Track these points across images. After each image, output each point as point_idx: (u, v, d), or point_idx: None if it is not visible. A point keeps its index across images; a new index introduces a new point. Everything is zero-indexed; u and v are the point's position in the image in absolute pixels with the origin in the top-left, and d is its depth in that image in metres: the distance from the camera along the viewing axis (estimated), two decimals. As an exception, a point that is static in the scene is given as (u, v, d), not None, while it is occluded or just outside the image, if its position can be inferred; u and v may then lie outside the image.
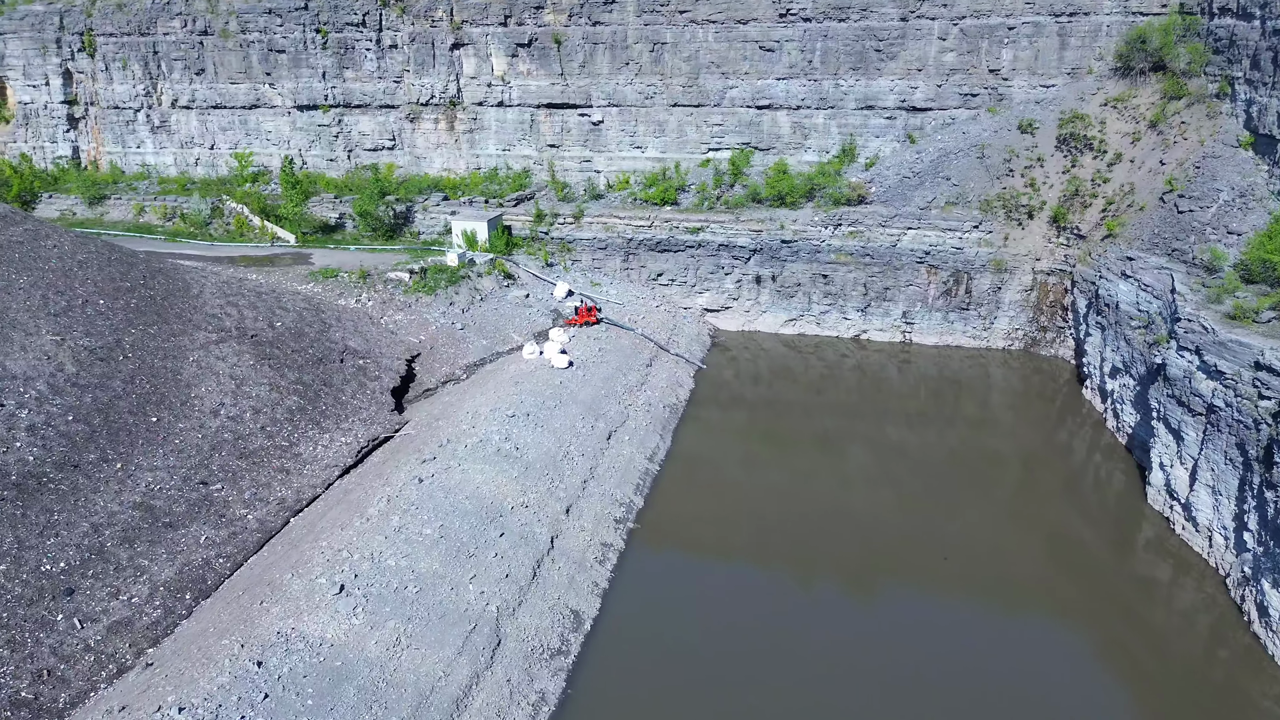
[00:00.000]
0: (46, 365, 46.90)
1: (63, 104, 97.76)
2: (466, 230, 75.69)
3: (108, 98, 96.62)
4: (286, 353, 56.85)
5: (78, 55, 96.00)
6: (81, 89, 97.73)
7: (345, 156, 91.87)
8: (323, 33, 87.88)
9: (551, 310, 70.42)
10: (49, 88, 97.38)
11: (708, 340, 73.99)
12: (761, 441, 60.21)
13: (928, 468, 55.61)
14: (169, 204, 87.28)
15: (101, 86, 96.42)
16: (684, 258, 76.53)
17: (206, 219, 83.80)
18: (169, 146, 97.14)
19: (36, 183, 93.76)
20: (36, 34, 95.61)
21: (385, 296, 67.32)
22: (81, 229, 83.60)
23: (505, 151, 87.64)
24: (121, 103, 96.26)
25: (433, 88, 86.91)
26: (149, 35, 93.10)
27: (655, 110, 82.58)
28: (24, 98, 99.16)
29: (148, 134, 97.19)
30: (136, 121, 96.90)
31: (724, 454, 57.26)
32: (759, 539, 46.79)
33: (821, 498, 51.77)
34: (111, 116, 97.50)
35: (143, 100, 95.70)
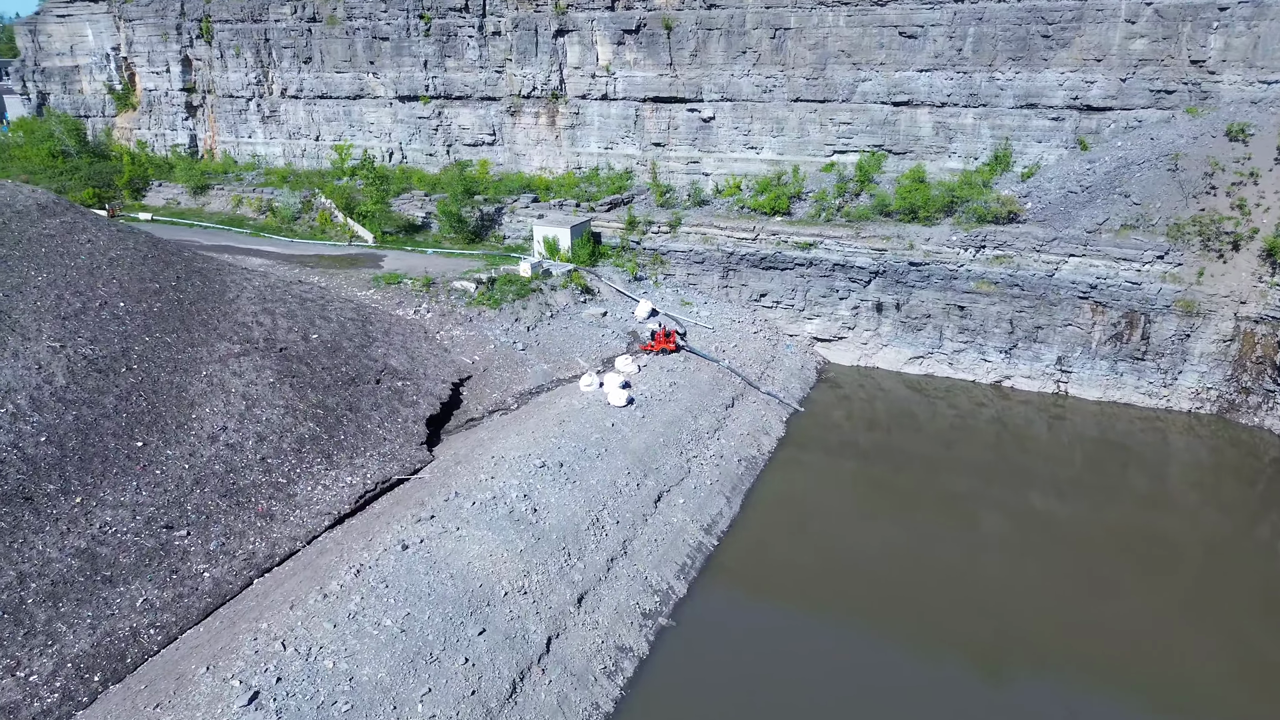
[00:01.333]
0: (34, 376, 42.24)
1: (181, 91, 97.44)
2: (548, 236, 67.94)
3: (223, 85, 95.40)
4: (315, 370, 50.65)
5: (196, 42, 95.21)
6: (200, 76, 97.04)
7: (444, 151, 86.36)
8: (425, 18, 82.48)
9: (629, 332, 61.50)
10: (169, 75, 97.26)
11: (813, 376, 63.01)
12: (869, 497, 49.12)
13: (1080, 546, 43.85)
14: (264, 196, 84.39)
15: (217, 74, 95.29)
16: (792, 277, 65.77)
17: (295, 213, 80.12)
18: (278, 137, 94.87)
19: (150, 169, 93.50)
20: (159, 20, 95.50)
21: (446, 308, 60.42)
22: (180, 219, 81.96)
23: (607, 150, 79.40)
24: (235, 91, 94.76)
25: (534, 79, 79.78)
26: (261, 22, 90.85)
27: (774, 106, 72.03)
28: (148, 84, 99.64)
29: (258, 123, 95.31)
30: (248, 110, 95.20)
31: (811, 517, 46.43)
32: (847, 608, 36.76)
33: (943, 566, 41.59)
34: (225, 105, 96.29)
35: (254, 89, 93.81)
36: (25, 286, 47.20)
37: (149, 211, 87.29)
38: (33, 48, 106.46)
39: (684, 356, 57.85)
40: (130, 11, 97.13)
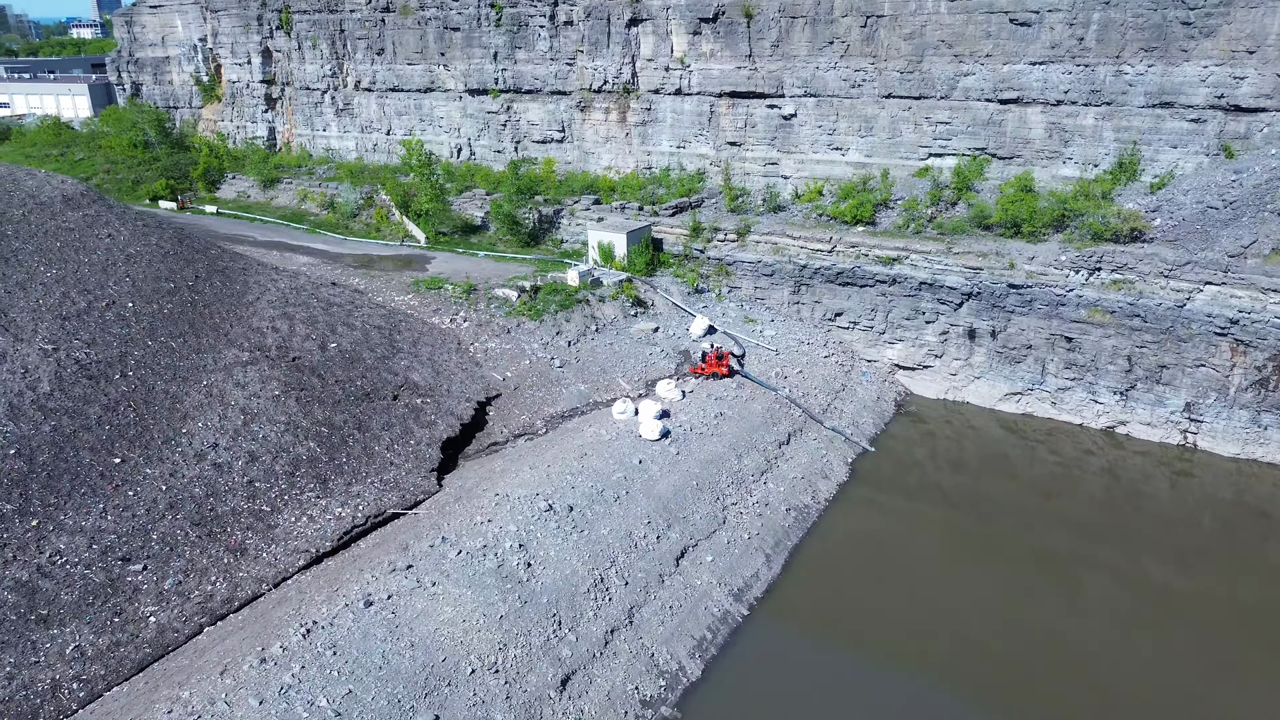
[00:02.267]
0: (18, 381, 39.36)
1: (261, 83, 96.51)
2: (602, 242, 62.44)
3: (300, 78, 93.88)
4: (327, 383, 46.59)
5: (276, 33, 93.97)
6: (279, 68, 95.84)
7: (513, 148, 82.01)
8: (496, 7, 78.28)
9: (680, 352, 55.42)
10: (250, 66, 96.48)
11: (890, 409, 55.45)
12: (949, 549, 41.80)
13: (1205, 624, 36.38)
14: (327, 192, 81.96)
15: (295, 66, 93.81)
16: (872, 296, 58.28)
17: (355, 210, 77.22)
18: (351, 130, 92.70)
19: (226, 162, 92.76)
20: (242, 11, 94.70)
21: (484, 318, 55.68)
22: (244, 213, 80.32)
23: (678, 149, 73.33)
24: (311, 83, 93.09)
25: (606, 72, 74.42)
26: (337, 12, 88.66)
27: (862, 102, 64.48)
28: (231, 76, 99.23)
29: (333, 116, 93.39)
30: (323, 103, 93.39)
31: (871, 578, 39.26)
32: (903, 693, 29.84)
33: (1038, 636, 35.23)
34: (302, 97, 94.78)
35: (329, 81, 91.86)
36: (30, 283, 44.69)
37: (217, 204, 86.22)
38: (128, 38, 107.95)
39: (737, 383, 51.36)
40: (216, 2, 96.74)
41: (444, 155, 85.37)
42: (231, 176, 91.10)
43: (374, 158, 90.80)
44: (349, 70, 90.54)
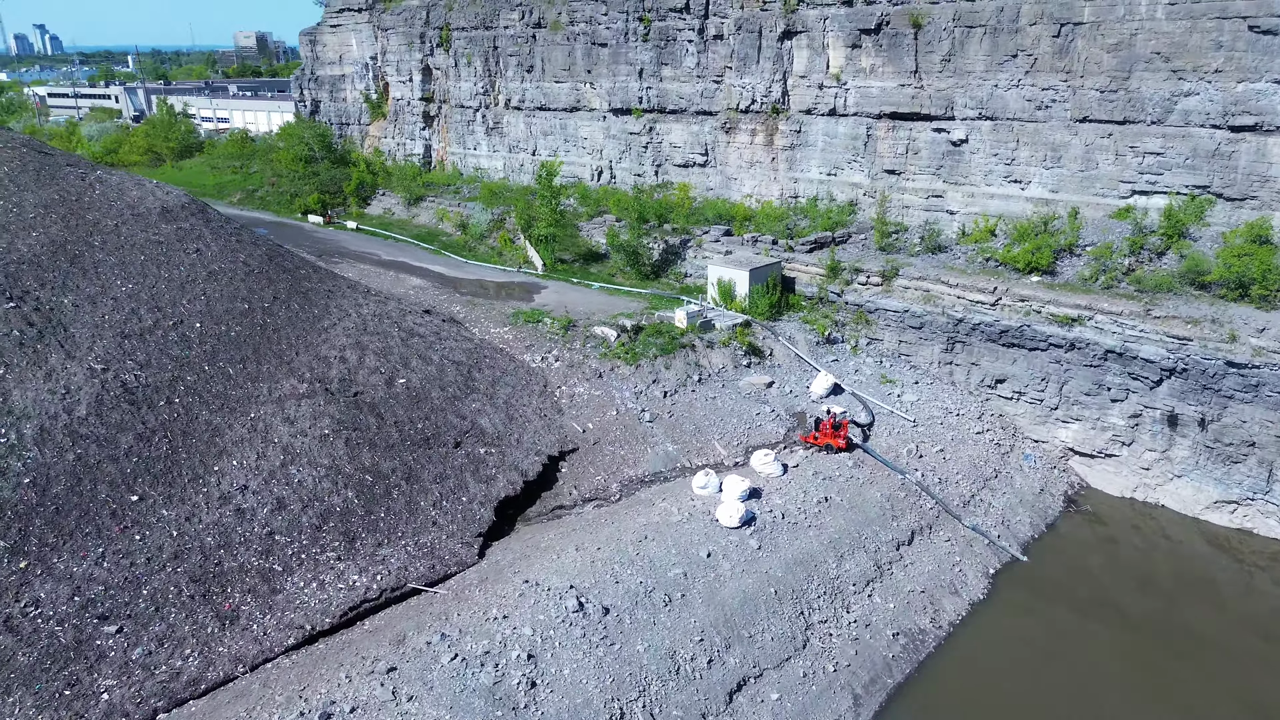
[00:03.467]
0: (56, 402, 37.24)
1: (420, 100, 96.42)
2: (722, 279, 55.15)
3: (455, 95, 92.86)
4: (385, 423, 42.15)
5: (436, 50, 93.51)
6: (437, 86, 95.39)
7: (653, 172, 76.37)
8: (645, 20, 73.13)
9: (794, 414, 47.19)
10: (411, 84, 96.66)
11: (1056, 505, 44.71)
12: (1125, 688, 31.56)
13: None
14: (464, 212, 79.50)
15: (452, 84, 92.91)
16: (1044, 362, 47.61)
17: (485, 232, 74.05)
18: (500, 150, 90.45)
19: (380, 178, 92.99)
20: (407, 29, 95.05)
21: (577, 358, 49.82)
22: (381, 230, 79.34)
23: (829, 176, 64.88)
24: (464, 101, 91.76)
25: (754, 89, 67.32)
26: (492, 29, 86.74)
27: (1050, 127, 53.75)
28: (396, 93, 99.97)
29: (483, 135, 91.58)
30: (475, 122, 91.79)
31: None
32: None
33: None
34: (456, 115, 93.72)
35: (481, 99, 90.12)
36: (102, 297, 43.11)
37: (360, 220, 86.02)
38: (310, 56, 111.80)
39: (856, 459, 42.52)
40: (386, 21, 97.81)
41: (584, 178, 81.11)
42: (381, 193, 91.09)
43: (519, 178, 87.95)
44: (500, 88, 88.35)
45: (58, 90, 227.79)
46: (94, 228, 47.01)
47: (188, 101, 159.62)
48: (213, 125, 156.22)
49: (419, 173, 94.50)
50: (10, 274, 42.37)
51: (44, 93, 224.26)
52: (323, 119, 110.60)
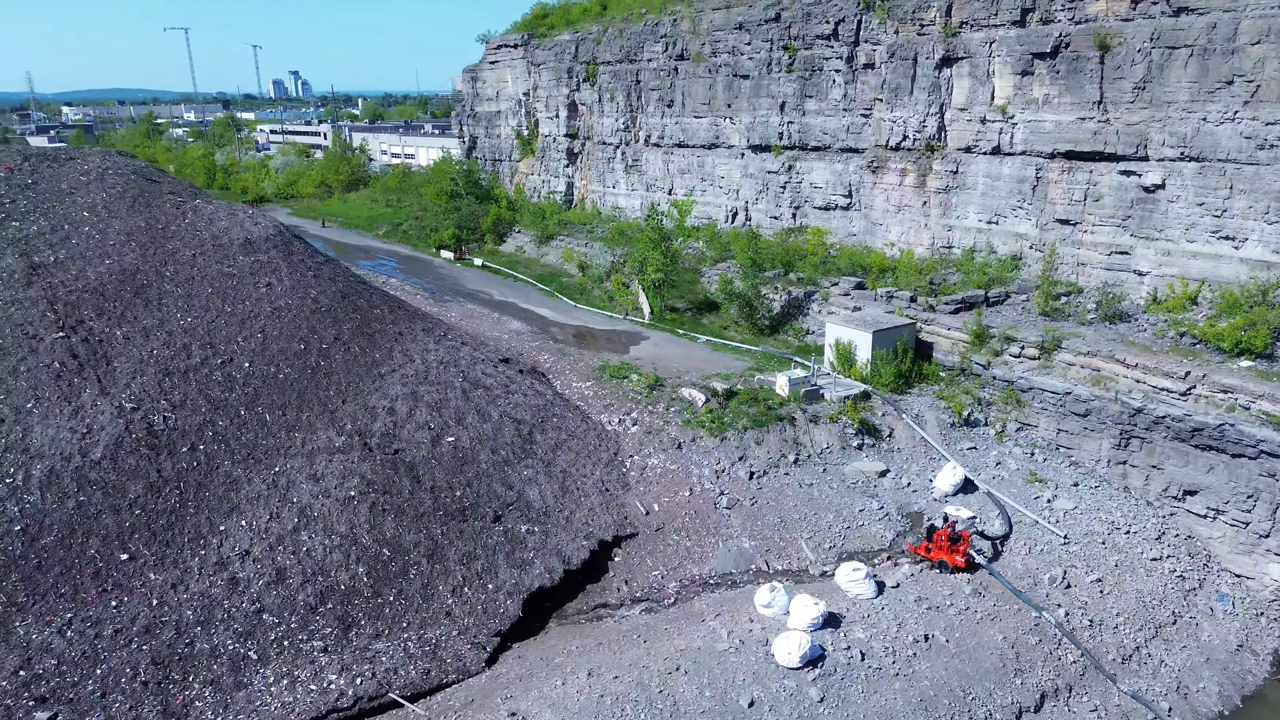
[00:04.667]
0: (73, 443, 34.95)
1: (565, 137, 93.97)
2: (841, 340, 47.00)
3: (598, 132, 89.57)
4: (421, 487, 37.35)
5: (582, 86, 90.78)
6: (582, 122, 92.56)
7: (791, 214, 69.13)
8: (790, 50, 66.48)
9: (909, 514, 38.38)
10: (558, 120, 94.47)
11: (1262, 668, 33.46)
12: None
13: None
14: (587, 253, 75.24)
15: (595, 120, 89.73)
16: (1252, 472, 36.40)
17: (604, 274, 69.24)
18: (638, 189, 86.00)
19: (518, 215, 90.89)
20: (557, 64, 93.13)
21: (657, 423, 43.34)
22: (507, 269, 76.69)
23: (989, 225, 55.33)
24: (606, 137, 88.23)
25: (906, 124, 59.01)
26: (635, 62, 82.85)
27: (1276, 171, 42.36)
28: (544, 130, 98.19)
29: (622, 173, 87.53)
30: (615, 159, 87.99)
31: None
32: None
33: None
34: (598, 152, 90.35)
35: (621, 135, 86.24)
36: (158, 329, 41.17)
37: (490, 258, 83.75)
38: (471, 93, 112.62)
39: (978, 582, 33.36)
40: (538, 56, 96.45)
41: (718, 219, 74.95)
42: (517, 230, 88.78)
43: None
44: (640, 124, 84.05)
45: (280, 128, 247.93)
46: (170, 257, 45.63)
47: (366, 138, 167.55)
48: (399, 160, 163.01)
49: (558, 211, 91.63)
50: (71, 303, 41.23)
51: (268, 129, 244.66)
52: (479, 155, 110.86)
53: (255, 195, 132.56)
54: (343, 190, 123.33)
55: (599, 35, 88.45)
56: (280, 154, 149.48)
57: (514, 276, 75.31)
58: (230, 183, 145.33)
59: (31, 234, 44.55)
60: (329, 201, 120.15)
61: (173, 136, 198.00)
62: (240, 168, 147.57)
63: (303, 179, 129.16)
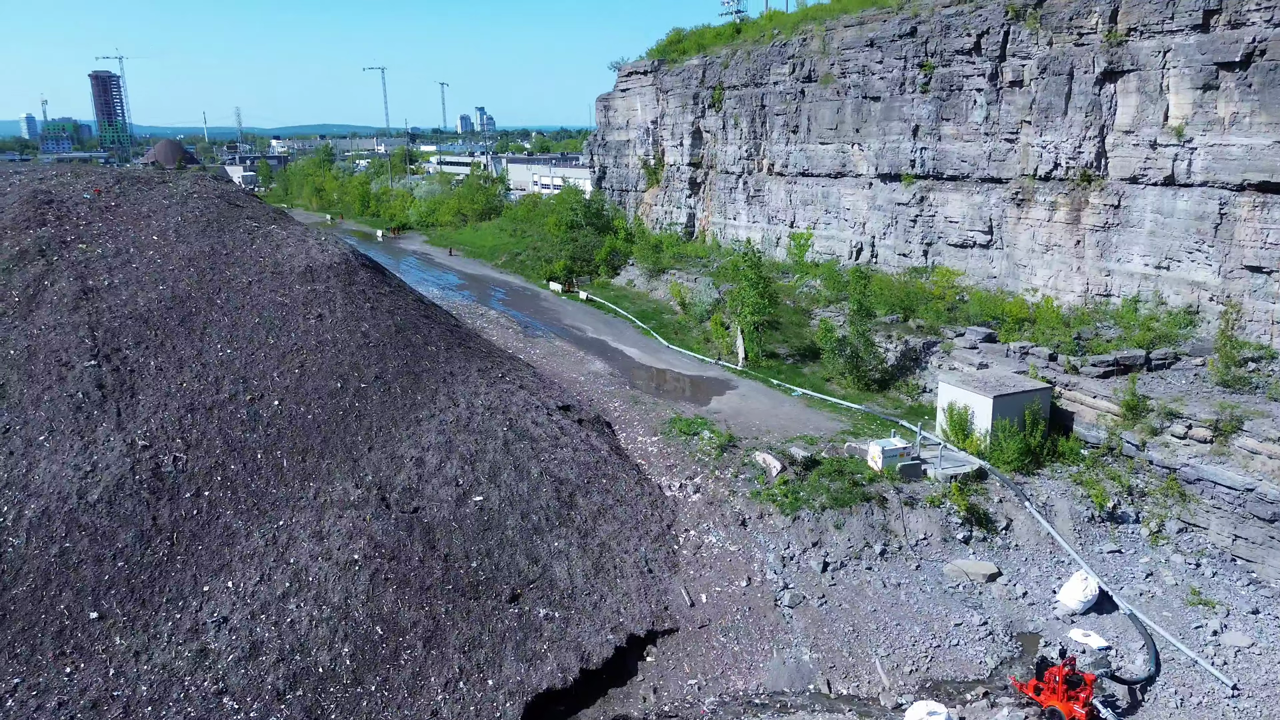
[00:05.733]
0: (72, 483, 32.70)
1: (689, 166, 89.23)
2: (955, 404, 39.08)
3: (721, 160, 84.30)
4: (435, 554, 32.84)
5: (707, 112, 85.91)
6: (705, 150, 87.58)
7: (921, 252, 61.15)
8: (926, 67, 59.01)
9: (1020, 635, 30.25)
10: (682, 148, 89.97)
11: None
12: None
13: None
14: (694, 289, 69.74)
15: (719, 147, 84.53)
16: None
17: (705, 312, 63.46)
18: (759, 221, 79.93)
19: (634, 247, 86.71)
20: (684, 89, 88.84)
21: (722, 492, 37.12)
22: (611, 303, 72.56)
23: (1159, 270, 45.83)
24: (729, 166, 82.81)
25: (1058, 150, 50.43)
26: (761, 85, 77.17)
27: None
28: (669, 159, 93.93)
29: (743, 204, 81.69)
30: (736, 189, 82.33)
31: None
32: None
33: None
34: (720, 182, 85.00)
35: (744, 164, 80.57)
36: (194, 360, 38.94)
37: (599, 290, 79.73)
38: (603, 122, 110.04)
39: (1099, 746, 25.08)
40: (666, 82, 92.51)
41: (842, 255, 67.76)
42: (631, 263, 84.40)
43: (773, 253, 76.59)
44: (764, 151, 78.06)
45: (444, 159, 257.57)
46: (226, 284, 43.70)
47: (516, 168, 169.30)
48: (545, 191, 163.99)
49: (676, 243, 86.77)
50: (112, 329, 39.66)
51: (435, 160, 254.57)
52: (607, 185, 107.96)
53: (399, 222, 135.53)
54: (476, 219, 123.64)
55: (727, 59, 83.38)
56: (426, 183, 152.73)
57: (615, 311, 70.74)
58: (380, 209, 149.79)
59: (94, 257, 43.71)
60: (463, 230, 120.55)
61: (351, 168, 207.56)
62: (390, 195, 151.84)
63: (442, 208, 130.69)
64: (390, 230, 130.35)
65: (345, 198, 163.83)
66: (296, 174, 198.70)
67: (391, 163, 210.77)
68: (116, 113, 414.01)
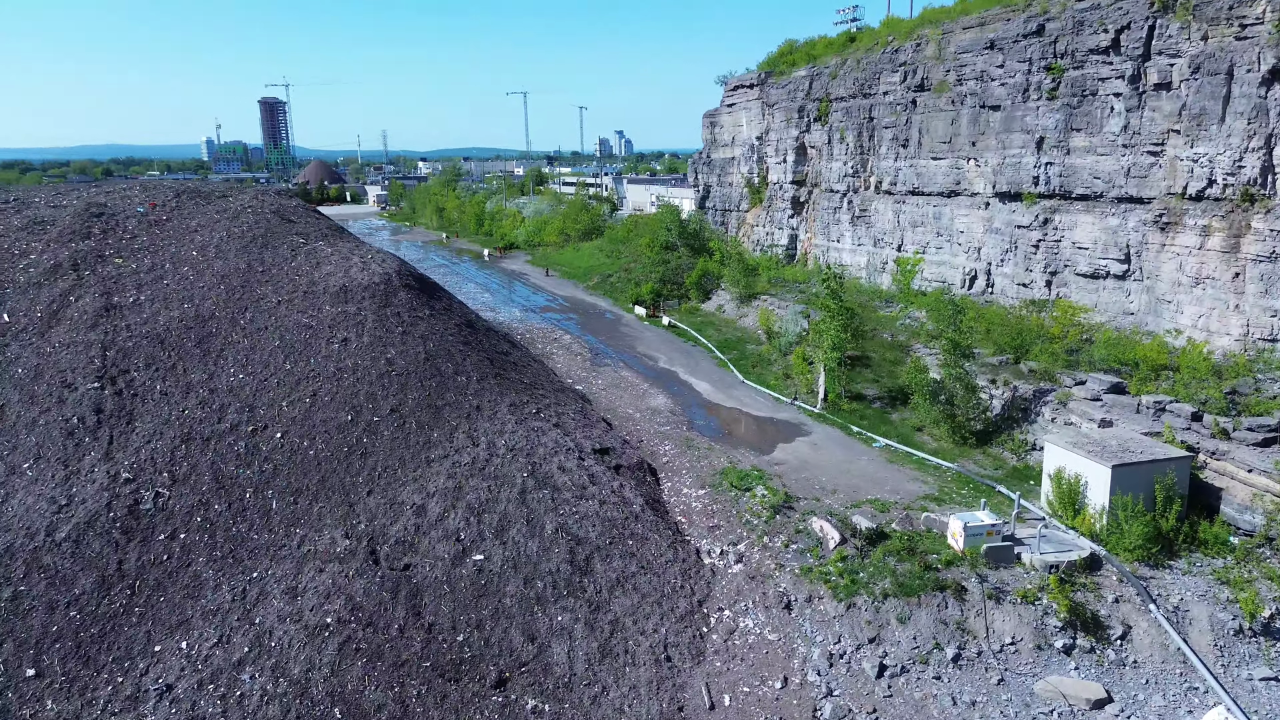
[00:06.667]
0: (44, 518, 30.31)
1: (791, 184, 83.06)
2: (1066, 471, 31.64)
3: (826, 178, 77.81)
4: (419, 622, 28.46)
5: (813, 126, 79.64)
6: (810, 167, 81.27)
7: (1043, 283, 53.12)
8: (1054, 70, 51.37)
9: (1131, 793, 22.96)
10: (785, 165, 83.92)
11: None
12: None
13: None
14: (782, 317, 63.54)
15: (824, 164, 78.12)
16: None
17: (790, 344, 57.26)
18: (864, 244, 72.93)
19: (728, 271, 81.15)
20: (789, 102, 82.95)
21: (770, 564, 31.22)
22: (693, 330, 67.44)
23: (1340, 310, 36.83)
24: (833, 184, 76.25)
25: (1213, 164, 42.08)
26: (870, 96, 70.51)
27: None
28: (772, 177, 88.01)
29: (848, 225, 74.87)
30: (841, 209, 75.59)
31: None
32: None
33: None
34: (823, 201, 78.44)
35: (849, 182, 73.85)
36: (202, 386, 36.22)
37: (685, 316, 74.52)
38: (709, 139, 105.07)
39: None
40: (772, 95, 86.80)
41: (953, 283, 60.21)
42: (723, 287, 78.82)
43: (877, 279, 69.58)
44: (871, 167, 71.19)
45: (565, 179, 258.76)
46: (254, 304, 41.09)
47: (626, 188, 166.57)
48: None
49: (774, 266, 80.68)
50: (125, 350, 37.48)
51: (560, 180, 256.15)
52: (710, 204, 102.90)
53: (507, 241, 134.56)
54: (579, 239, 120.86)
55: (835, 69, 77.01)
56: (534, 202, 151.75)
57: (696, 339, 65.31)
58: (493, 228, 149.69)
59: (126, 272, 41.99)
60: (564, 250, 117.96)
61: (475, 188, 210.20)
62: (503, 215, 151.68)
63: (547, 228, 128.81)
64: (496, 250, 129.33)
65: (463, 217, 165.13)
66: (421, 194, 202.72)
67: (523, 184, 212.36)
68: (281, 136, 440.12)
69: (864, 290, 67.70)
